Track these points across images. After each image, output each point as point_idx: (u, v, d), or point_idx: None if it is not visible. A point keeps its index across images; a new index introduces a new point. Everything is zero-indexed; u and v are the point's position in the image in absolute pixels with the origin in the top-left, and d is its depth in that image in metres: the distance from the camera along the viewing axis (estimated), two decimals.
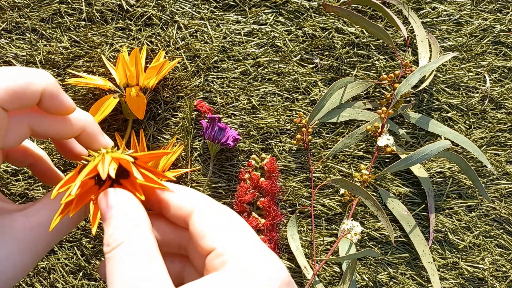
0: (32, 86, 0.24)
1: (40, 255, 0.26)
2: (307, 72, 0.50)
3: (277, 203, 0.47)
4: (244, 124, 0.49)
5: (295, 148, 0.49)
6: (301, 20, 0.51)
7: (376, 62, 0.51)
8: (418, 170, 0.49)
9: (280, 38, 0.51)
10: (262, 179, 0.46)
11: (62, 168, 0.47)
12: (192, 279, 0.23)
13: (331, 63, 0.51)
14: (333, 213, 0.48)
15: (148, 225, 0.24)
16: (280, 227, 0.47)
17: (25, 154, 0.31)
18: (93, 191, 0.25)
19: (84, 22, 0.50)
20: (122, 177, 0.26)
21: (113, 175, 0.23)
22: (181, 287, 0.21)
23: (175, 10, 0.50)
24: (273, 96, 0.50)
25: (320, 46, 0.51)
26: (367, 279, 0.47)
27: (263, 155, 0.47)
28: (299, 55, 0.51)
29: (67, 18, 0.49)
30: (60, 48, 0.49)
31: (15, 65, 0.48)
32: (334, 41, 0.51)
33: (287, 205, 0.48)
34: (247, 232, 0.24)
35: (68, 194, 0.23)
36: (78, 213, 0.26)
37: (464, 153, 0.51)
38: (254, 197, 0.45)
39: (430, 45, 0.51)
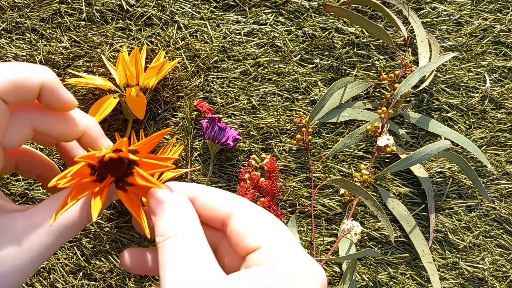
0: (31, 80, 0.25)
1: (40, 258, 0.26)
2: (307, 72, 0.50)
3: (277, 203, 0.47)
4: (244, 124, 0.49)
5: (295, 148, 0.49)
6: (301, 20, 0.51)
7: (376, 62, 0.51)
8: (418, 170, 0.49)
9: (280, 38, 0.51)
10: (262, 179, 0.46)
11: (62, 168, 0.47)
12: None
13: (331, 63, 0.51)
14: (333, 213, 0.48)
15: (198, 219, 0.25)
16: None
17: (33, 162, 0.31)
18: (94, 186, 0.25)
19: (84, 22, 0.50)
20: (127, 176, 0.26)
21: (108, 155, 0.24)
22: (235, 273, 0.23)
23: (175, 10, 0.50)
24: (273, 96, 0.50)
25: (320, 46, 0.51)
26: (367, 279, 0.47)
27: (263, 155, 0.47)
28: (299, 55, 0.51)
29: (67, 18, 0.49)
30: (60, 48, 0.49)
31: None
32: (334, 41, 0.51)
33: (287, 205, 0.48)
34: (288, 234, 0.25)
35: (65, 178, 0.23)
36: (81, 216, 0.26)
37: (464, 153, 0.51)
38: (254, 197, 0.45)
39: (430, 45, 0.51)
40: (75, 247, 0.46)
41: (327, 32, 0.51)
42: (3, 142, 0.25)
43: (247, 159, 0.48)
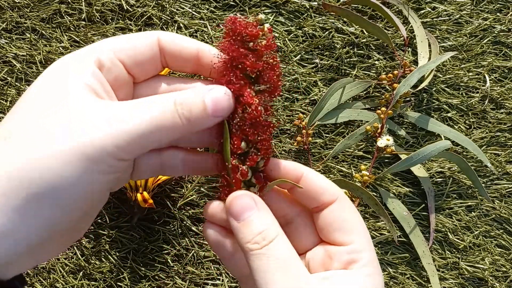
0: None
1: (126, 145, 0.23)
2: (307, 72, 0.50)
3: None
4: None
5: (295, 148, 0.49)
6: (301, 20, 0.51)
7: (376, 62, 0.51)
8: (418, 170, 0.49)
9: (280, 38, 0.51)
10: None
11: None
12: None
13: (331, 63, 0.51)
14: None
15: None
16: None
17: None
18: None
19: (84, 22, 0.50)
20: None
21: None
22: (326, 272, 0.25)
23: (175, 10, 0.50)
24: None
25: (320, 46, 0.51)
26: None
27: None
28: (299, 55, 0.51)
29: (67, 18, 0.49)
30: (60, 48, 0.49)
31: (15, 65, 0.48)
32: (334, 41, 0.51)
33: None
34: (369, 237, 0.27)
35: None
36: (174, 119, 0.25)
37: (464, 153, 0.51)
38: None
39: (430, 45, 0.51)
40: (75, 247, 0.46)
41: (327, 32, 0.51)
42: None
43: None
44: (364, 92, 0.51)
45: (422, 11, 0.53)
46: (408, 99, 0.51)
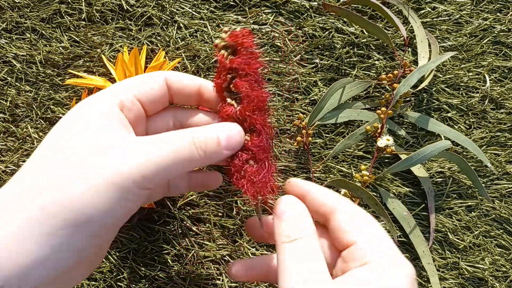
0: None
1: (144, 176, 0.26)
2: (307, 72, 0.50)
3: (262, 81, 0.34)
4: None
5: (295, 148, 0.49)
6: (301, 20, 0.51)
7: (376, 62, 0.51)
8: (418, 170, 0.49)
9: (280, 38, 0.51)
10: (230, 56, 0.33)
11: None
12: None
13: (331, 63, 0.51)
14: None
15: (314, 227, 0.29)
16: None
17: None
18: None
19: (84, 22, 0.50)
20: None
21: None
22: (338, 278, 0.26)
23: (175, 10, 0.50)
24: (273, 96, 0.50)
25: (320, 46, 0.51)
26: None
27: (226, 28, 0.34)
28: (299, 55, 0.51)
29: (67, 18, 0.49)
30: (60, 48, 0.49)
31: (15, 65, 0.48)
32: (334, 41, 0.51)
33: None
34: (382, 232, 0.29)
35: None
36: (190, 150, 0.29)
37: (464, 153, 0.51)
38: (226, 81, 0.33)
39: (430, 45, 0.51)
40: None
41: (327, 32, 0.51)
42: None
43: None
44: (364, 92, 0.51)
45: (422, 11, 0.53)
46: (408, 99, 0.51)
